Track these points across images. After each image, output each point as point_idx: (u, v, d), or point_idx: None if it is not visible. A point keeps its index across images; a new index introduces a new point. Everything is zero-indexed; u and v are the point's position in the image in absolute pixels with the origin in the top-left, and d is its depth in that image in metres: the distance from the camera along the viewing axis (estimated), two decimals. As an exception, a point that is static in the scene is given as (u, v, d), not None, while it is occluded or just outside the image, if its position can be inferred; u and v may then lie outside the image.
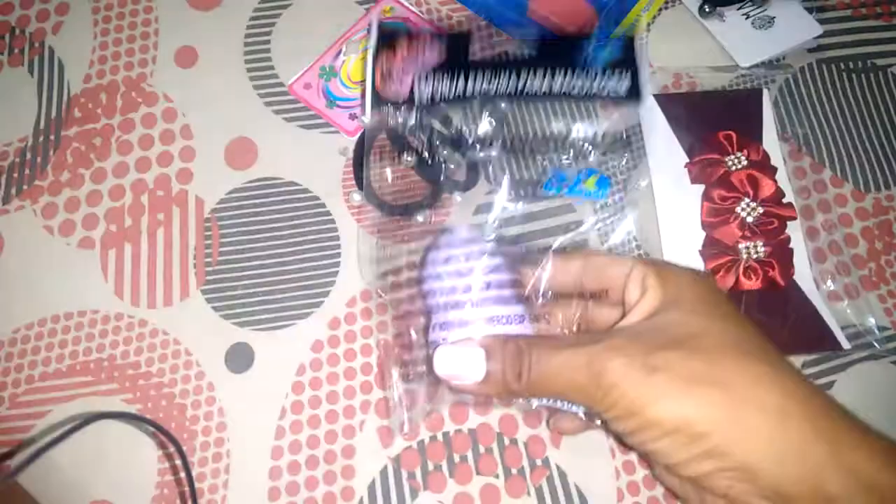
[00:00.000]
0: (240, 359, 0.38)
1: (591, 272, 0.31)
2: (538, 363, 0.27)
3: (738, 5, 0.44)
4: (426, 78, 0.35)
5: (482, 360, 0.28)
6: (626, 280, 0.30)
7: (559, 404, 0.30)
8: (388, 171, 0.38)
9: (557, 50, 0.37)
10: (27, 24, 0.45)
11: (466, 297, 0.31)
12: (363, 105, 0.34)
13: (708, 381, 0.25)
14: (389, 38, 0.36)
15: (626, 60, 0.36)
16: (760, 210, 0.38)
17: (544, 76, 0.35)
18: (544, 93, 0.35)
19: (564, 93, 0.35)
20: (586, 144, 0.36)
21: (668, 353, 0.26)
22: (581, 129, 0.36)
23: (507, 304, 0.31)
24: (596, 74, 0.35)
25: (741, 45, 0.43)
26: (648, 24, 0.45)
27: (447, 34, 0.38)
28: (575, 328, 0.32)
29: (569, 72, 0.35)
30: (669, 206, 0.40)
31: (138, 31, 0.45)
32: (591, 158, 0.36)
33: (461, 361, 0.28)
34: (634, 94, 0.36)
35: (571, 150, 0.36)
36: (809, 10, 0.44)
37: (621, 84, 0.36)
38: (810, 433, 0.24)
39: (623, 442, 0.29)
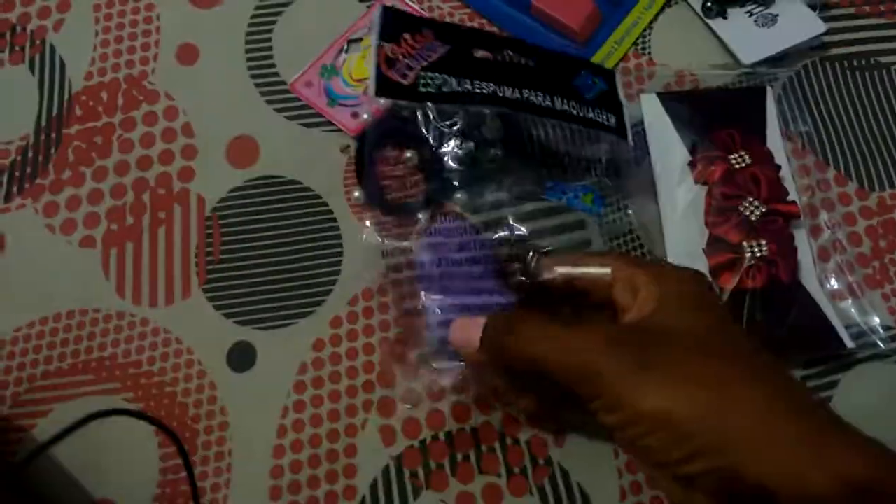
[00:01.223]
0: (241, 357, 0.38)
1: (576, 272, 0.32)
2: (529, 333, 0.28)
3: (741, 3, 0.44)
4: (431, 72, 0.35)
5: (481, 327, 0.30)
6: (611, 280, 0.30)
7: None
8: (391, 168, 0.38)
9: (553, 68, 0.38)
10: (28, 21, 0.45)
11: (460, 293, 0.33)
12: (368, 89, 0.35)
13: (696, 380, 0.25)
14: (395, 24, 0.36)
15: (612, 96, 0.39)
16: (764, 208, 0.38)
17: (544, 96, 0.36)
18: (546, 107, 0.36)
19: (564, 111, 0.36)
20: (582, 163, 0.37)
21: (659, 351, 0.26)
22: (579, 149, 0.38)
23: (499, 298, 0.33)
24: (589, 107, 0.36)
25: (744, 42, 0.43)
26: (651, 22, 0.45)
27: (452, 30, 0.38)
28: None
29: (566, 97, 0.36)
30: (672, 204, 0.40)
31: (139, 28, 0.45)
32: (587, 179, 0.37)
33: (466, 329, 0.30)
34: (621, 130, 0.38)
35: (570, 168, 0.38)
36: (813, 8, 0.44)
37: (610, 119, 0.38)
38: (796, 434, 0.24)
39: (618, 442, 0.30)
